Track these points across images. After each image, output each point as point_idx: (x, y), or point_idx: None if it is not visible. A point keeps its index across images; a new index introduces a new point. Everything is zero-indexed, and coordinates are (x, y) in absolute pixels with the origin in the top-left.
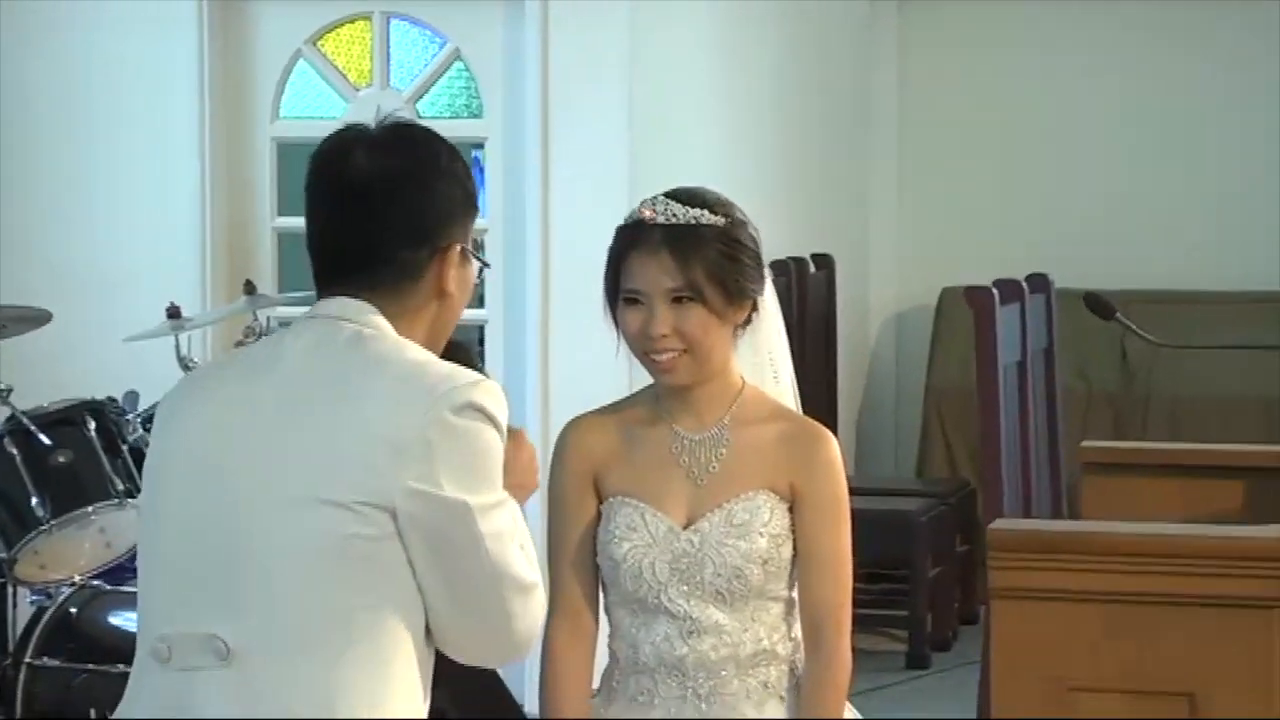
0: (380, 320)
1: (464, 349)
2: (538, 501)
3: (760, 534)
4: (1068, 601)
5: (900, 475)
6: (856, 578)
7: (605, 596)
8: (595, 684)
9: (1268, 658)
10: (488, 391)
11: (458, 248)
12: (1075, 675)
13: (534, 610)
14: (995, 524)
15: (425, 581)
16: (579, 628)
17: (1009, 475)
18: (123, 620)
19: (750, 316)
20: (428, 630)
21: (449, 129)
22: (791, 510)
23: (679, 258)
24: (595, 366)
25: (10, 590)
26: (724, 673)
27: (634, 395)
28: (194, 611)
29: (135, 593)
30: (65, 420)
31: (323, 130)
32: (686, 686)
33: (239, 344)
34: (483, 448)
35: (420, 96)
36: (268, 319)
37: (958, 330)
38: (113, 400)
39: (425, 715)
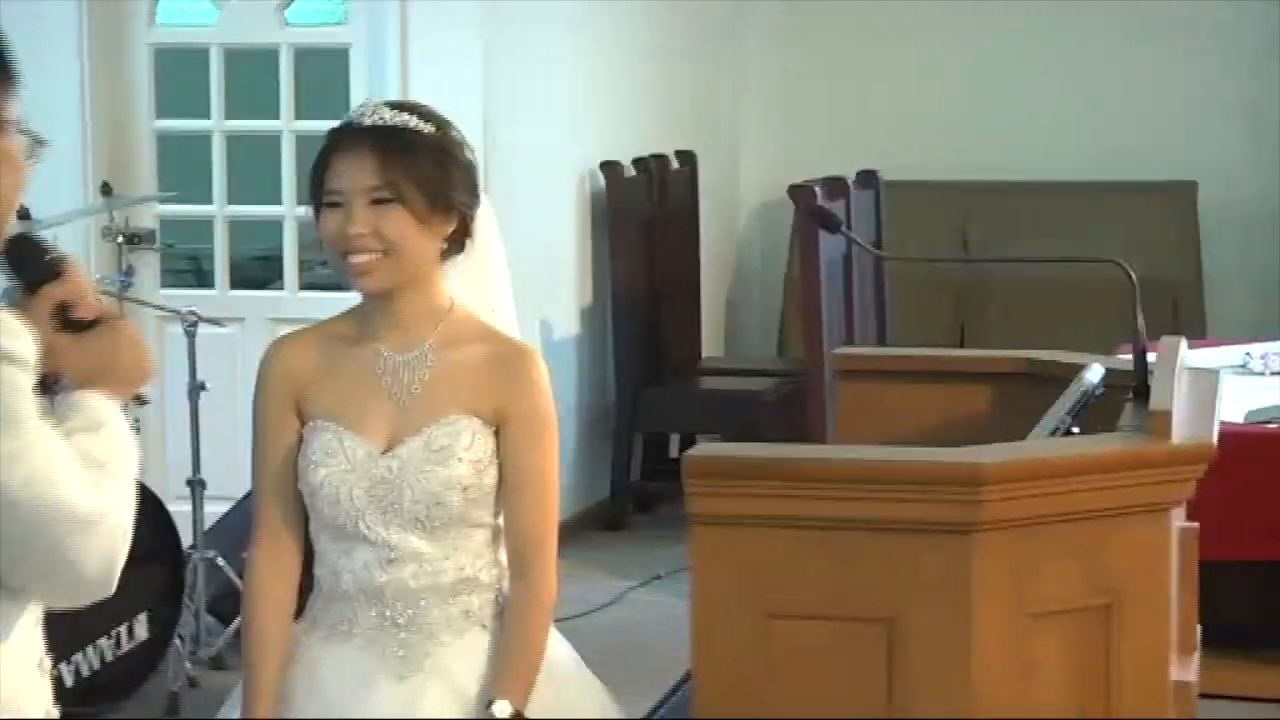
0: None
1: (29, 240)
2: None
3: (461, 460)
4: (764, 527)
5: (765, 356)
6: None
7: (311, 522)
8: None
9: (965, 582)
10: None
11: None
12: (773, 603)
13: (104, 543)
14: (691, 450)
15: None
16: (280, 553)
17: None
18: None
19: (464, 240)
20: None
21: (317, 36)
22: (497, 434)
23: (381, 158)
24: None
25: None
26: (423, 601)
27: (343, 313)
28: None
29: None
30: None
31: (196, 38)
32: (385, 615)
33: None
34: None
35: (289, 3)
36: (126, 219)
37: None
38: None
39: (37, 663)
